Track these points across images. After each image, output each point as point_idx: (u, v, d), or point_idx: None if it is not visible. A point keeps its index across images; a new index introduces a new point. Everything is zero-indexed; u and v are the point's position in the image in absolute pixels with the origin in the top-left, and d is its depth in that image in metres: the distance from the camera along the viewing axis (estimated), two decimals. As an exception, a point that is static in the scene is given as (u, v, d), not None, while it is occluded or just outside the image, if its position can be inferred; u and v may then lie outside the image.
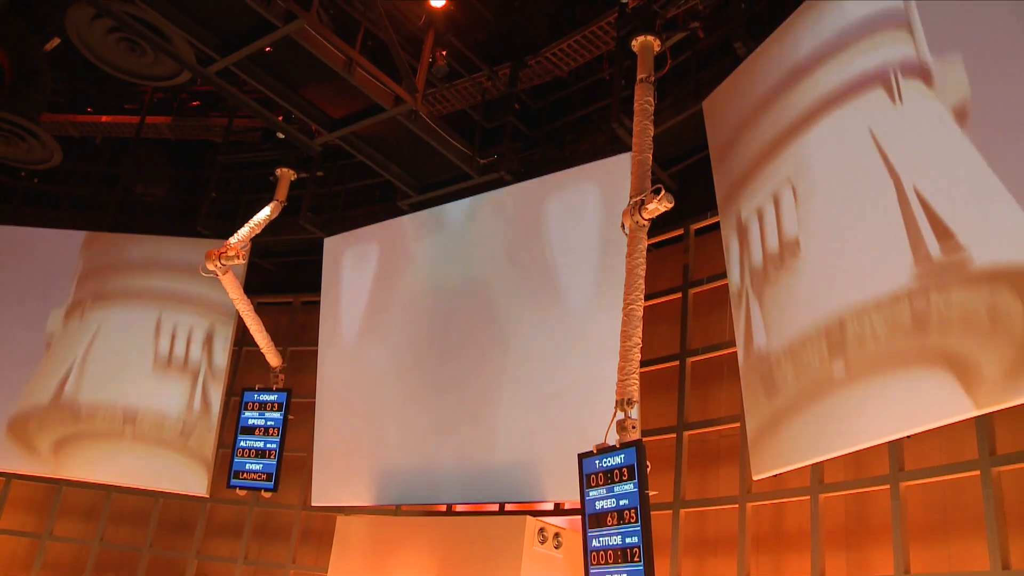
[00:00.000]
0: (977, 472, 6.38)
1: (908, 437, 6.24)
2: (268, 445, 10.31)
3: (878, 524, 7.05)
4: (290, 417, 10.40)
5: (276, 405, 10.47)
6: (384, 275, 10.78)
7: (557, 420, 8.57)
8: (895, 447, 6.92)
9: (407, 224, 10.86)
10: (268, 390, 10.60)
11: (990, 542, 6.01)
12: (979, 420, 6.29)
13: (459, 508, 9.65)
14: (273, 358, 10.71)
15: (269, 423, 10.41)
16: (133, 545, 11.75)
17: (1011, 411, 5.55)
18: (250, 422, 10.48)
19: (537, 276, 9.28)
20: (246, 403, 10.59)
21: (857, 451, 6.50)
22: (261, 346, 10.60)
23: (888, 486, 6.96)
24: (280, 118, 10.71)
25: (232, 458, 10.41)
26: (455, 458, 9.29)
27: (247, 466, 10.28)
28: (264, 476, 10.19)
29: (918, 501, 6.84)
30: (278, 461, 10.22)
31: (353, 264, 11.16)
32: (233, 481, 10.32)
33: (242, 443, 10.42)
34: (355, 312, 10.91)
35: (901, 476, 6.90)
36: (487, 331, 9.53)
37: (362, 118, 9.51)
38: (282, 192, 10.68)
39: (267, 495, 10.47)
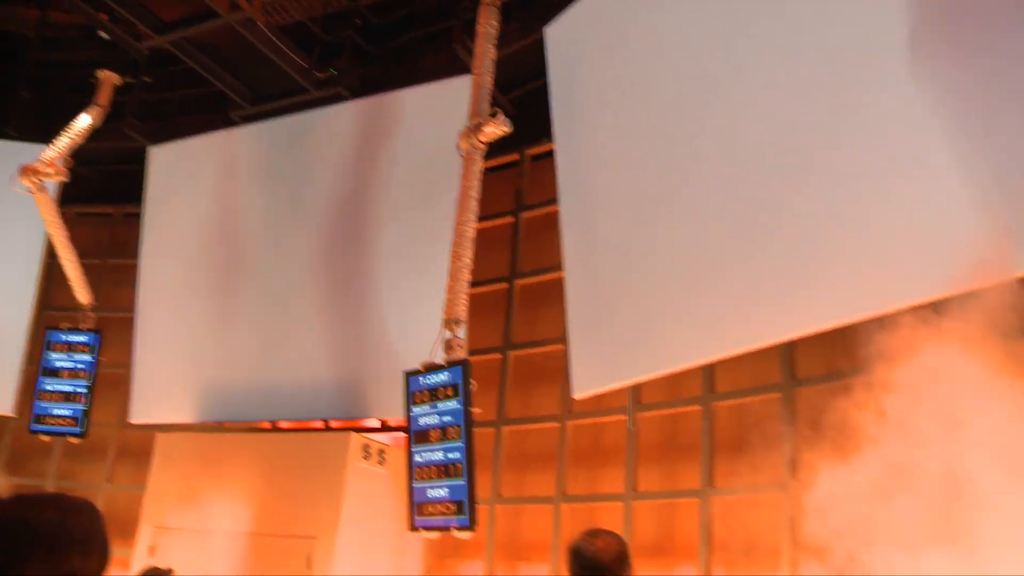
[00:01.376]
0: (779, 395, 6.85)
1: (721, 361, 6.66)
2: (77, 389, 9.85)
3: (689, 442, 7.45)
4: (101, 360, 9.95)
5: (86, 347, 9.97)
6: (212, 187, 10.41)
7: (384, 338, 8.58)
8: (708, 371, 7.31)
9: (239, 136, 10.50)
10: (77, 330, 10.06)
11: (786, 456, 6.48)
12: (782, 348, 6.72)
13: (283, 425, 9.57)
14: (83, 294, 10.10)
15: (79, 366, 9.91)
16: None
17: (810, 339, 6.02)
18: (56, 364, 9.92)
19: (370, 194, 9.18)
20: (51, 343, 9.99)
21: (673, 373, 6.83)
22: (71, 279, 9.96)
23: (700, 407, 7.38)
24: (104, 17, 10.08)
25: (34, 401, 9.84)
26: (280, 374, 9.17)
27: (52, 411, 9.77)
28: (71, 421, 9.75)
29: (727, 421, 7.24)
30: (88, 405, 9.79)
31: (179, 175, 10.71)
32: (34, 426, 9.81)
33: (46, 386, 9.88)
34: (180, 225, 10.49)
35: (711, 397, 7.32)
36: (316, 247, 9.39)
37: (195, 23, 9.05)
38: (104, 97, 10.08)
39: (75, 441, 10.00)
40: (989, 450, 4.23)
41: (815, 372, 6.66)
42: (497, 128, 7.25)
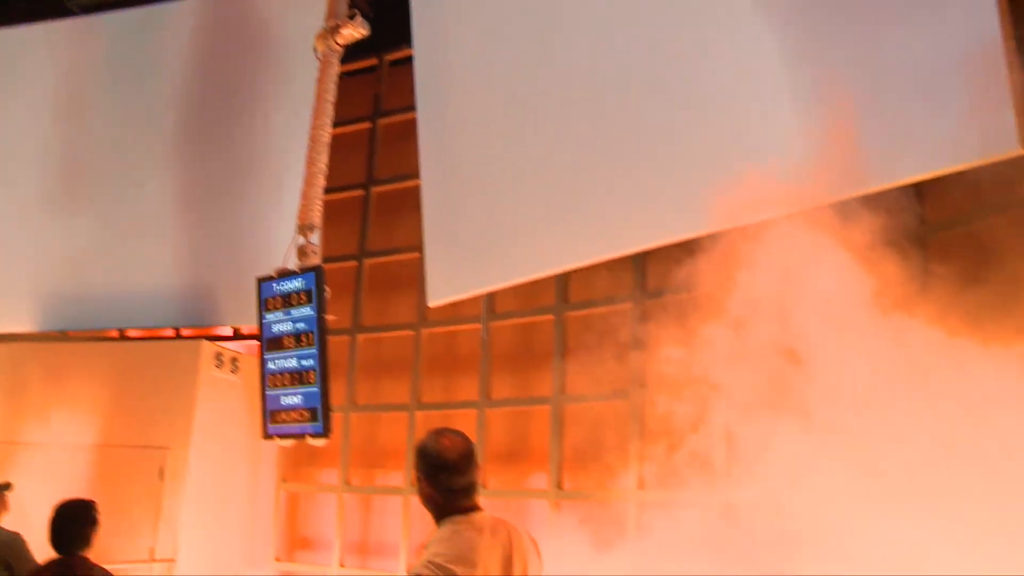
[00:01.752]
0: (631, 304, 7.05)
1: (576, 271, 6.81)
2: None
3: (542, 350, 7.60)
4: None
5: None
6: (48, 81, 9.76)
7: (236, 243, 8.38)
8: (561, 280, 7.44)
9: (77, 27, 9.87)
10: None
11: (636, 362, 6.69)
12: (635, 259, 6.89)
13: (132, 333, 9.30)
14: None
15: None
16: None
17: (659, 253, 6.21)
18: None
19: (221, 94, 8.84)
20: None
21: (527, 282, 6.94)
22: None
23: (553, 316, 7.52)
24: None
25: None
26: (128, 281, 8.83)
27: None
28: None
29: (579, 330, 7.40)
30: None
31: (9, 66, 10.00)
32: None
33: None
34: (12, 120, 9.82)
35: (564, 307, 7.47)
36: (165, 149, 9.00)
37: None
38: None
39: None
40: (821, 314, 4.53)
41: (666, 283, 6.85)
42: (355, 31, 7.10)
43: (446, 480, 2.90)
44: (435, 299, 7.32)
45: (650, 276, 7.06)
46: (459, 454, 2.91)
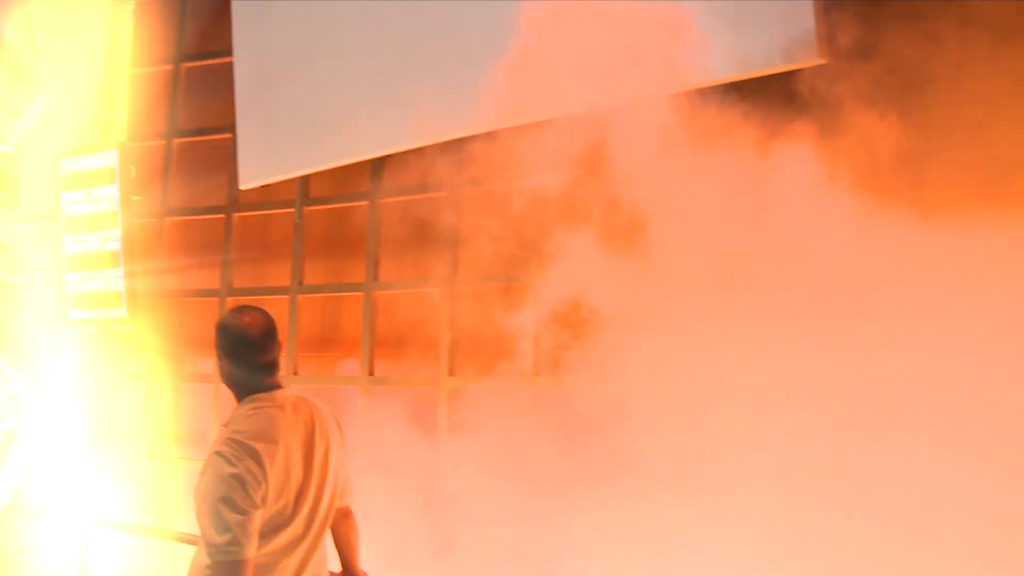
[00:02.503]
0: (445, 192, 7.07)
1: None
2: None
3: (355, 237, 7.56)
4: None
5: None
6: None
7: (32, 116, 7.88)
8: (377, 166, 7.36)
9: None
10: None
11: (449, 253, 6.78)
12: (450, 146, 6.89)
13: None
14: None
15: None
16: None
17: (476, 141, 6.23)
18: None
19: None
20: None
21: (341, 167, 6.85)
22: None
23: (367, 202, 7.46)
24: None
25: None
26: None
27: None
28: None
29: (394, 217, 7.40)
30: None
31: None
32: None
33: None
34: None
35: (379, 193, 7.41)
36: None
37: None
38: None
39: None
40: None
41: (481, 171, 6.91)
42: None
43: (248, 357, 2.90)
44: (247, 182, 7.15)
45: (465, 164, 7.07)
46: (260, 331, 2.90)
